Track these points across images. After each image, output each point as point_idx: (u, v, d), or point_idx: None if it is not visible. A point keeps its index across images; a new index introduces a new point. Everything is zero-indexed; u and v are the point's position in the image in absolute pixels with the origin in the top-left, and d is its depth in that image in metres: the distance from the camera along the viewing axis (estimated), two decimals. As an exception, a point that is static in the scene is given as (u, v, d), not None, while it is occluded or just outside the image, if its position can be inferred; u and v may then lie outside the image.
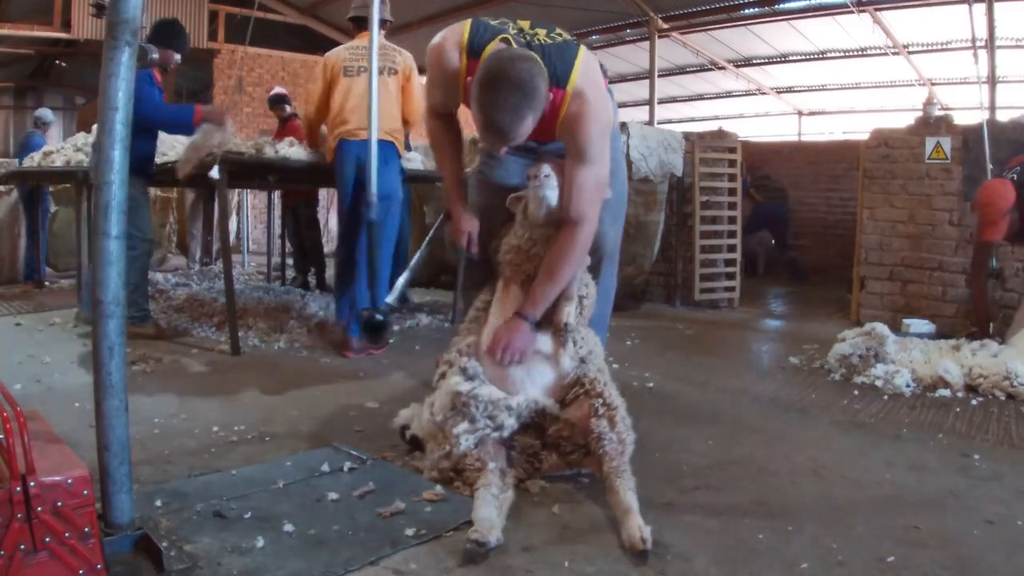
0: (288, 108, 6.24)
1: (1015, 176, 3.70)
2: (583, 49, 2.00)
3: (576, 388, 1.99)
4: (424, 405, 2.07)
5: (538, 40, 1.99)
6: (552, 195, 2.03)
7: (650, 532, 1.56)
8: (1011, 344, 3.29)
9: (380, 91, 3.24)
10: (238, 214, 9.05)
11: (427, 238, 2.48)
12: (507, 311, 2.06)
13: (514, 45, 1.94)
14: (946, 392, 2.98)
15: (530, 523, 1.72)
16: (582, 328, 2.09)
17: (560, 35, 2.05)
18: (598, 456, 1.85)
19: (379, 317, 2.53)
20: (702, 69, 12.93)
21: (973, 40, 4.61)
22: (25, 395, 2.72)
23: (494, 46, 1.93)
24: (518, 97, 1.75)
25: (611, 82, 2.21)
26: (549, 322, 2.05)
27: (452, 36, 2.03)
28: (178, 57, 3.84)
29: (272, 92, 6.47)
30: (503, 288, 2.13)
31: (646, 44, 10.95)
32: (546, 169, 2.03)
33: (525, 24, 2.07)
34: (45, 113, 7.10)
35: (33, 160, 6.10)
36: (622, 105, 13.83)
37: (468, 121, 2.17)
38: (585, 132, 1.94)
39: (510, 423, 1.92)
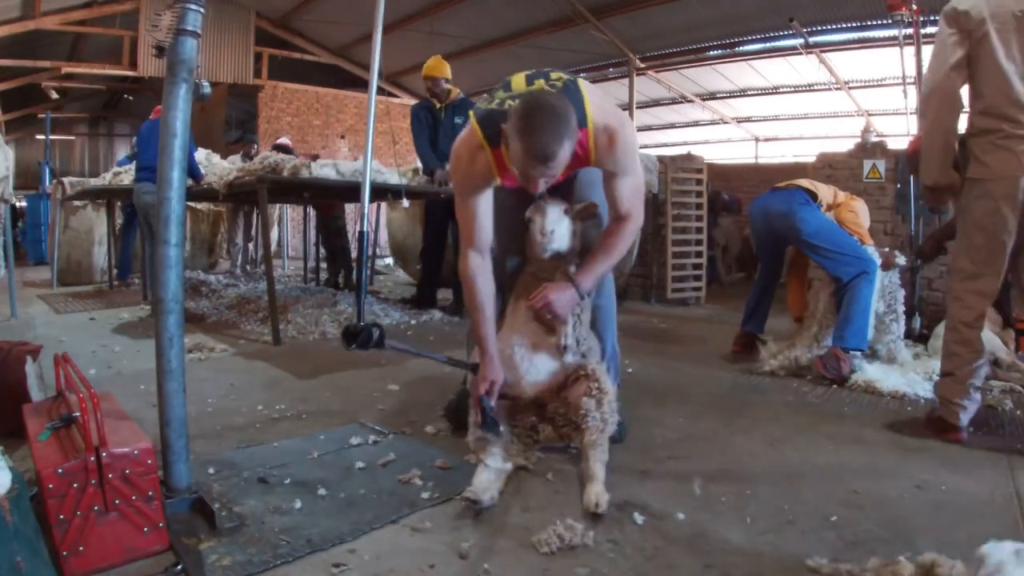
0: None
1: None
2: (582, 83, 1.88)
3: (577, 370, 1.98)
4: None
5: None
6: (557, 245, 2.00)
7: (607, 500, 1.56)
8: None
9: None
10: (279, 225, 9.05)
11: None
12: (517, 322, 2.04)
13: None
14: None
15: (527, 489, 1.72)
16: (583, 330, 2.06)
17: (559, 79, 1.87)
18: (583, 430, 1.85)
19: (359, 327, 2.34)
20: (674, 102, 12.96)
21: (903, 77, 4.60)
22: (98, 379, 2.73)
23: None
24: (555, 121, 1.63)
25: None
26: (554, 331, 2.00)
27: (467, 140, 1.86)
28: None
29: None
30: (514, 302, 2.11)
31: (626, 80, 10.96)
32: (551, 222, 1.97)
33: (519, 83, 1.90)
34: None
35: (104, 179, 6.12)
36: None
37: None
38: (617, 156, 1.86)
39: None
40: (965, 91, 2.11)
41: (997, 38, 1.99)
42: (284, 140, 6.64)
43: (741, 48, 10.03)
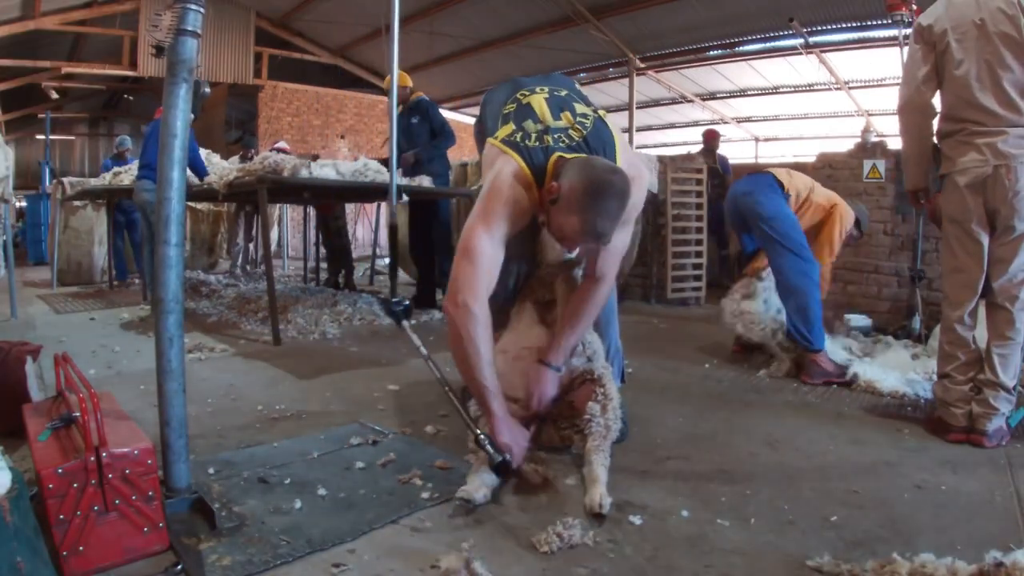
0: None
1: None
2: (612, 129, 1.86)
3: (584, 374, 1.98)
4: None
5: (576, 137, 1.79)
6: (572, 255, 2.02)
7: (609, 502, 1.55)
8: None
9: None
10: (279, 225, 9.05)
11: None
12: (522, 323, 2.04)
13: (567, 155, 1.73)
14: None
15: (526, 488, 1.71)
16: (588, 334, 2.07)
17: (585, 117, 1.84)
18: (585, 435, 1.85)
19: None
20: (673, 102, 12.96)
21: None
22: (98, 379, 2.73)
23: (552, 166, 1.73)
24: (619, 207, 1.65)
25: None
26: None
27: (520, 177, 1.73)
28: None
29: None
30: (520, 303, 2.13)
31: (626, 80, 10.95)
32: None
33: (542, 108, 1.84)
34: (125, 140, 7.14)
35: (104, 179, 6.12)
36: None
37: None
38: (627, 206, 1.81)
39: None
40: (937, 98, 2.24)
41: (957, 47, 2.10)
42: (282, 144, 6.67)
43: (741, 48, 10.03)
